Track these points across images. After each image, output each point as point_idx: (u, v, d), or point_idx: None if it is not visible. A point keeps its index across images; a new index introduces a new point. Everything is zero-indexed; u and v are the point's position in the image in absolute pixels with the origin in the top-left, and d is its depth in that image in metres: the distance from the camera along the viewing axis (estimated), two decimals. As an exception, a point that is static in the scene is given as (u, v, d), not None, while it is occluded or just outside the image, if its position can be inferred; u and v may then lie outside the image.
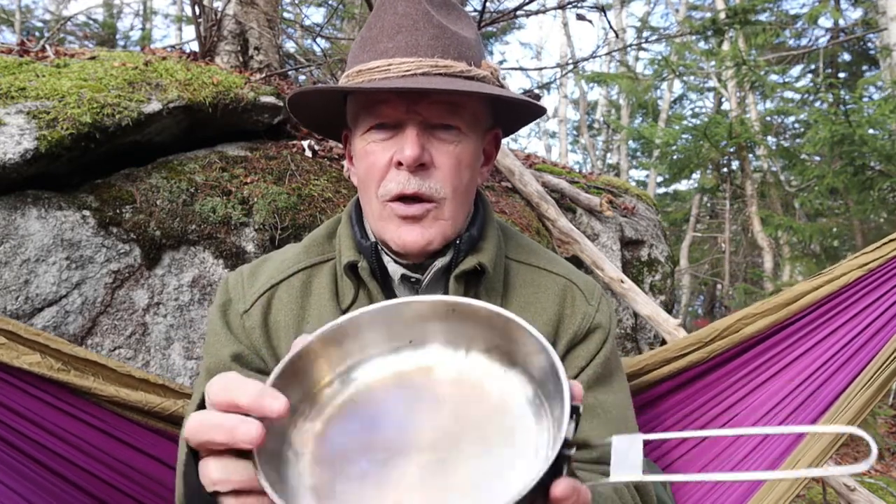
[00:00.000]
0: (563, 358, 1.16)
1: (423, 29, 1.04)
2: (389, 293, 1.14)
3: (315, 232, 1.24)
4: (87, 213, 2.02)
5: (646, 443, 0.67)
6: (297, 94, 1.10)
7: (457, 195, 1.07)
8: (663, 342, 3.36)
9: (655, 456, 1.45)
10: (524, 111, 1.18)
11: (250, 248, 2.25)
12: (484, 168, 1.18)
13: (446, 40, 1.04)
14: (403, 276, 1.11)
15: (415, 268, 1.12)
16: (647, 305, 2.77)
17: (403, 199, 1.04)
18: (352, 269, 1.12)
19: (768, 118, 9.26)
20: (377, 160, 1.06)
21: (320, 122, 1.23)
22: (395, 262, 1.12)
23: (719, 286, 9.58)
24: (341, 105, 1.15)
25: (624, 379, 1.22)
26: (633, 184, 10.61)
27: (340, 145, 2.91)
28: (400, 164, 1.03)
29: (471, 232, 1.13)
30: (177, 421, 1.42)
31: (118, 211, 2.08)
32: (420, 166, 1.03)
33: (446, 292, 1.12)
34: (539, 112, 1.15)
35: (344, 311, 1.13)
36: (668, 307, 3.68)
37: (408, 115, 1.03)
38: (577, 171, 4.38)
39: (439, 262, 1.11)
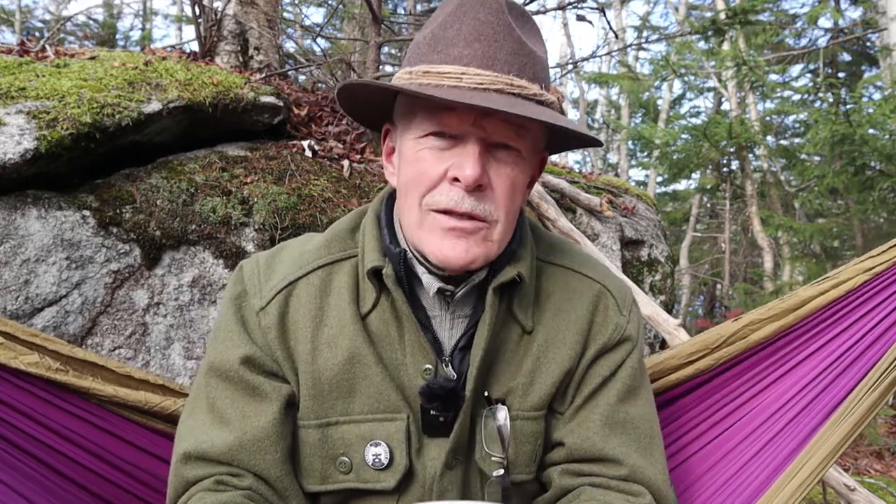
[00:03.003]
0: (588, 367, 1.14)
1: (502, 41, 0.98)
2: (415, 302, 1.10)
3: (337, 225, 1.19)
4: (87, 213, 2.02)
5: None
6: (350, 84, 1.05)
7: (508, 218, 1.03)
8: (663, 342, 3.36)
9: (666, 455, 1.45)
10: (578, 139, 1.14)
11: (250, 248, 2.24)
12: (528, 189, 1.14)
13: (524, 58, 0.99)
14: (438, 290, 1.07)
15: (447, 279, 1.07)
16: (647, 305, 2.77)
17: (453, 214, 1.00)
18: (375, 274, 1.07)
19: (768, 118, 9.26)
20: (429, 169, 1.00)
21: (362, 112, 1.17)
22: (430, 272, 1.07)
23: (719, 286, 9.58)
24: (389, 98, 1.10)
25: (650, 388, 1.20)
26: (633, 184, 10.60)
27: (341, 145, 2.92)
28: (456, 180, 0.98)
29: (511, 246, 1.09)
30: (177, 420, 1.41)
31: (118, 211, 2.08)
32: (477, 187, 0.99)
33: (477, 304, 1.09)
34: (595, 144, 1.12)
35: (364, 317, 1.09)
36: (668, 307, 3.68)
37: (473, 129, 0.98)
38: (577, 171, 4.37)
39: (477, 277, 1.07)
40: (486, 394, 1.09)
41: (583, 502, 1.05)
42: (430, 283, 1.07)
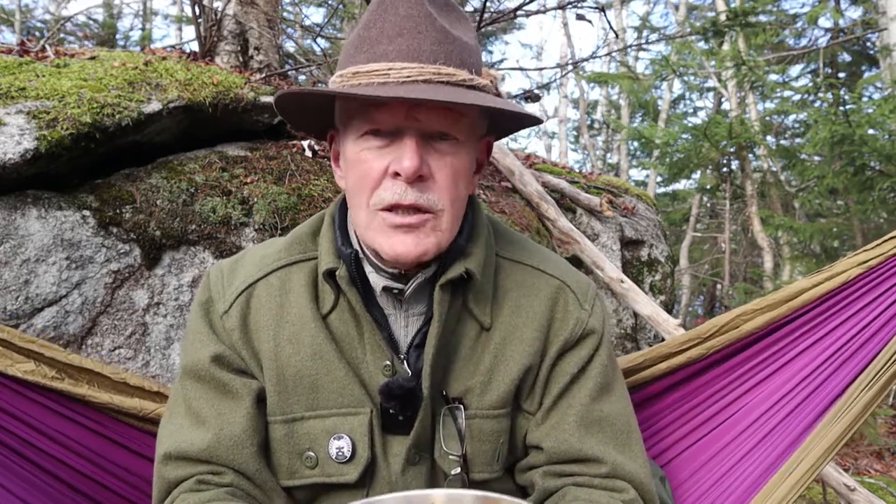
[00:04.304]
0: (553, 364, 1.14)
1: (425, 33, 0.99)
2: (371, 301, 1.11)
3: (299, 228, 1.21)
4: (87, 213, 2.02)
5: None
6: (287, 94, 1.06)
7: (454, 207, 1.04)
8: (663, 342, 3.36)
9: (654, 453, 1.45)
10: (519, 120, 1.15)
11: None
12: (475, 176, 1.15)
13: (449, 46, 1.00)
14: (385, 288, 1.09)
15: (397, 278, 1.09)
16: (647, 305, 2.77)
17: (399, 208, 1.01)
18: (331, 275, 1.09)
19: (768, 118, 9.26)
20: (371, 168, 1.02)
21: (306, 121, 1.19)
22: (378, 272, 1.09)
23: (719, 286, 9.57)
24: (330, 104, 1.11)
25: (623, 384, 1.20)
26: (633, 184, 10.60)
27: (340, 145, 2.92)
28: (397, 174, 1.00)
29: (458, 241, 1.09)
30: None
31: (118, 211, 2.08)
32: (418, 178, 1.00)
33: (431, 302, 1.09)
34: (535, 122, 1.13)
35: (324, 317, 1.11)
36: (668, 307, 3.68)
37: (406, 122, 0.99)
38: (577, 171, 4.38)
39: (422, 275, 1.08)
40: (443, 393, 1.10)
41: (568, 502, 1.05)
42: (377, 282, 1.09)
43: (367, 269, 1.10)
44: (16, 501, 1.18)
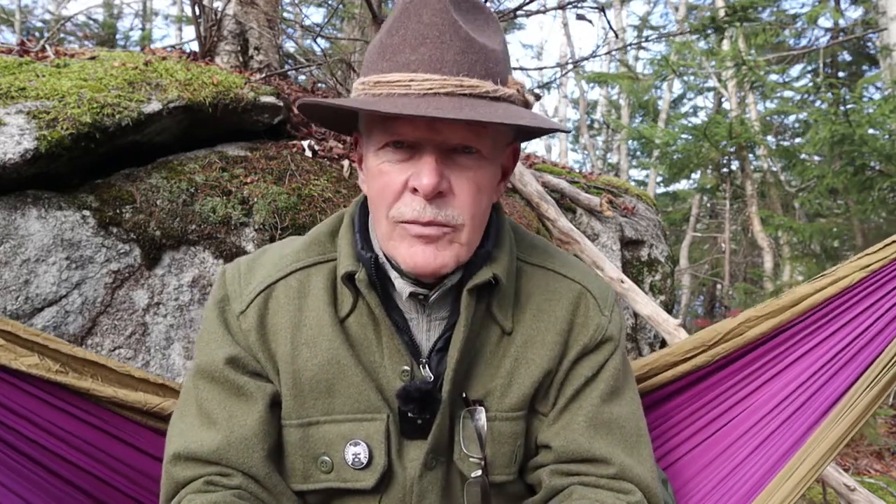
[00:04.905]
0: (570, 368, 1.14)
1: (448, 42, 0.96)
2: (391, 305, 1.10)
3: (318, 228, 1.19)
4: (87, 213, 2.02)
5: None
6: (306, 104, 1.04)
7: (475, 221, 1.02)
8: (663, 342, 3.36)
9: (657, 455, 1.45)
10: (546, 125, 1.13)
11: (250, 248, 2.25)
12: (500, 184, 1.13)
13: (473, 55, 0.97)
14: (411, 294, 1.08)
15: (422, 283, 1.08)
16: (647, 305, 2.77)
17: (417, 224, 0.99)
18: (350, 279, 1.08)
19: (768, 118, 9.26)
20: (391, 181, 1.00)
21: (330, 122, 1.19)
22: (402, 277, 1.08)
23: (719, 286, 9.58)
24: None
25: (635, 387, 1.20)
26: (633, 184, 10.59)
27: (341, 145, 2.91)
28: (416, 190, 0.98)
29: (485, 246, 1.08)
30: (176, 421, 1.41)
31: (118, 211, 2.08)
32: (438, 194, 0.98)
33: (455, 306, 1.08)
34: (562, 130, 1.10)
35: (342, 321, 1.10)
36: (668, 307, 3.68)
37: (427, 136, 0.97)
38: (577, 171, 4.38)
39: (449, 281, 1.07)
40: (463, 395, 1.09)
41: (574, 501, 1.05)
42: (403, 288, 1.08)
43: (393, 274, 1.08)
44: (15, 499, 1.18)
